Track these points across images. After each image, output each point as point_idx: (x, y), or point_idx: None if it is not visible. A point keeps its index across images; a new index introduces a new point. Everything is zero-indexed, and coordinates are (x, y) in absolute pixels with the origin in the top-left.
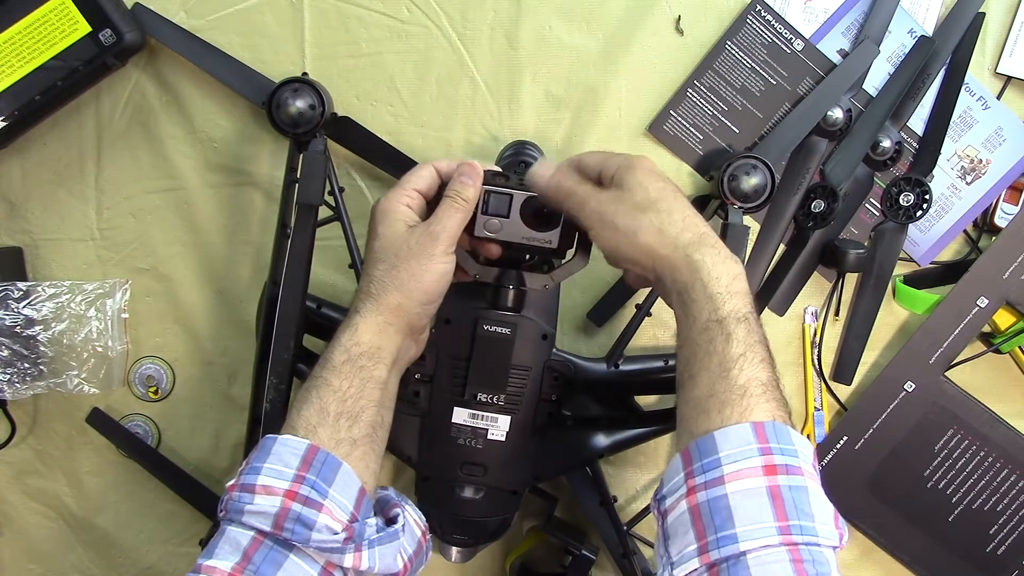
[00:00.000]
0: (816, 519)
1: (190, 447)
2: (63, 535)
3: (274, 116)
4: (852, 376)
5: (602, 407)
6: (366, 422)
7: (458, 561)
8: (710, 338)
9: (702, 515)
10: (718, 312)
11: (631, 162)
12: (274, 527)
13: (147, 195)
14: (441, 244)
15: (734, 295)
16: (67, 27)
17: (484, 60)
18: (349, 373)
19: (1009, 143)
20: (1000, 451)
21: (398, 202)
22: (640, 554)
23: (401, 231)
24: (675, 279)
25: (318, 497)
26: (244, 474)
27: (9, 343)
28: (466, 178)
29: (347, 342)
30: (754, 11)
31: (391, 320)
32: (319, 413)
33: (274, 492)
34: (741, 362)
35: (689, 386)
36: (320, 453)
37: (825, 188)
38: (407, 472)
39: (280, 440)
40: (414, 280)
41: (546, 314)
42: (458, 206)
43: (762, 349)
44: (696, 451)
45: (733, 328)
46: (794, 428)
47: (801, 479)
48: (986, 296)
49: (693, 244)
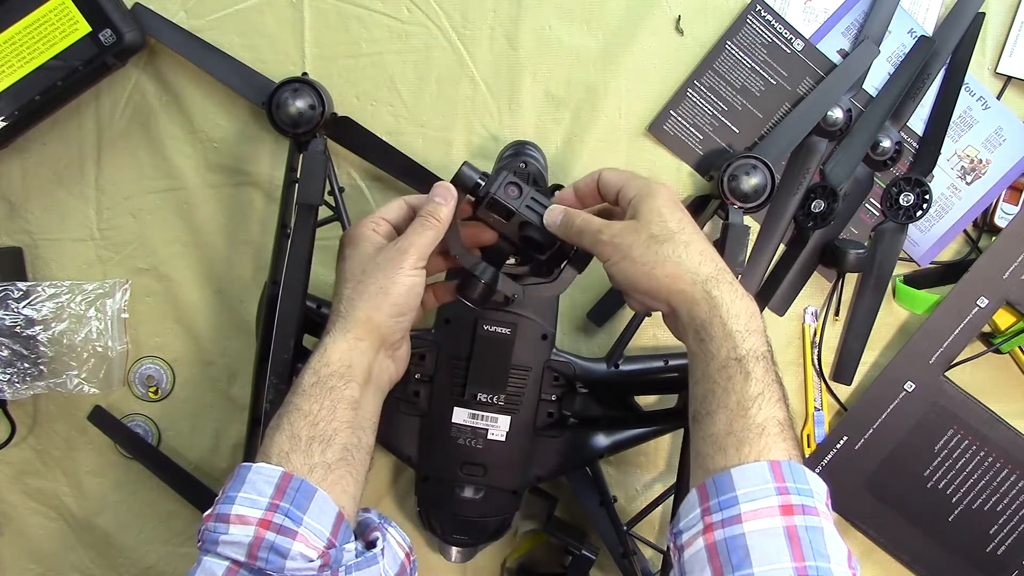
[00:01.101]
0: (832, 560)
1: (190, 447)
2: (63, 535)
3: (274, 116)
4: (852, 376)
5: (602, 407)
6: (340, 445)
7: (458, 561)
8: (729, 375)
9: (719, 553)
10: (737, 350)
11: (651, 190)
12: (248, 557)
13: (147, 195)
14: (409, 258)
15: (752, 333)
16: (67, 27)
17: (484, 60)
18: (319, 395)
19: (1009, 143)
20: (1000, 451)
21: (365, 227)
22: (640, 554)
23: (368, 251)
24: (692, 315)
25: (292, 524)
26: (219, 504)
27: (9, 343)
28: (440, 199)
29: (316, 364)
30: (754, 11)
31: (361, 336)
32: (291, 439)
33: (248, 521)
34: (760, 401)
35: (706, 422)
36: (294, 480)
37: (825, 188)
38: (407, 472)
39: (254, 468)
40: (382, 293)
41: (546, 314)
42: (429, 224)
43: (779, 388)
44: (713, 488)
45: (752, 367)
46: (809, 469)
47: (817, 519)
48: (986, 296)
49: (712, 280)
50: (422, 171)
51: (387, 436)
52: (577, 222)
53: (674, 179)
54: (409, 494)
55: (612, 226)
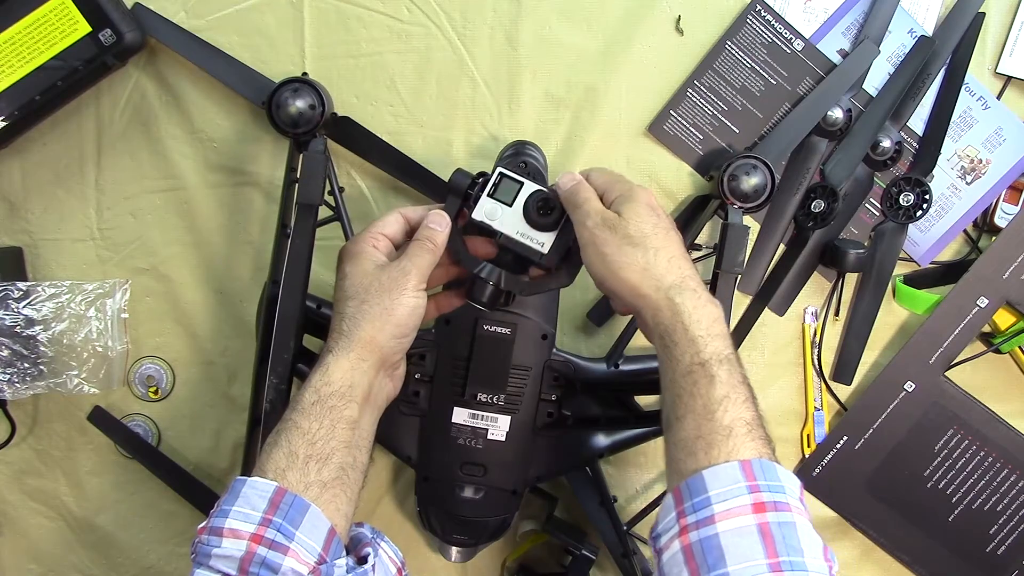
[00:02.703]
0: (805, 554)
1: (190, 447)
2: (63, 535)
3: (274, 116)
4: (852, 376)
5: (602, 407)
6: (336, 464)
7: (458, 561)
8: (694, 380)
9: (695, 555)
10: (700, 355)
11: (632, 193)
12: (239, 571)
13: (147, 195)
14: (412, 279)
15: (715, 337)
16: (67, 27)
17: (484, 60)
18: (319, 414)
19: (1009, 143)
20: (1000, 451)
21: (364, 243)
22: (640, 554)
23: (369, 269)
24: (656, 320)
25: (284, 540)
26: (214, 517)
27: (9, 343)
28: (435, 225)
29: (317, 382)
30: (754, 11)
31: (364, 355)
32: (288, 457)
33: (240, 536)
34: (725, 403)
35: (676, 428)
36: (288, 495)
37: (825, 188)
38: (407, 472)
39: (249, 483)
40: (386, 314)
41: (546, 314)
42: (428, 248)
43: (745, 389)
44: (687, 490)
45: (716, 370)
46: (780, 464)
47: (789, 515)
48: (986, 296)
49: (675, 287)
50: (422, 171)
51: (387, 436)
52: (580, 197)
53: (674, 179)
54: (409, 494)
55: (598, 216)
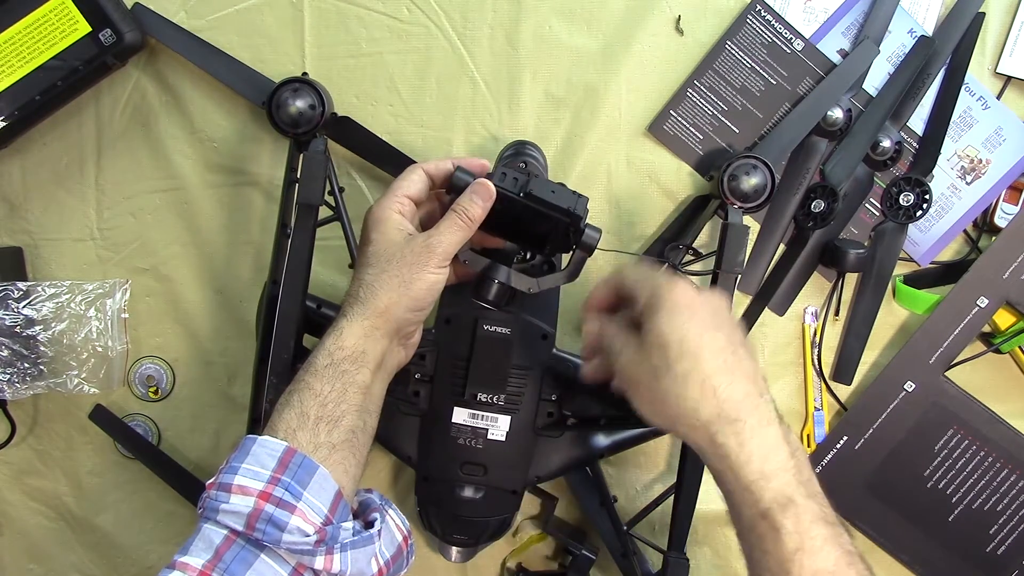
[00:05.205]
0: None
1: (190, 447)
2: (63, 535)
3: (274, 116)
4: (852, 376)
5: (602, 407)
6: (346, 427)
7: (458, 561)
8: (760, 535)
9: None
10: (759, 504)
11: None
12: (246, 527)
13: (147, 195)
14: (437, 257)
15: (774, 474)
16: (67, 27)
17: (484, 60)
18: (331, 377)
19: (1009, 143)
20: (1000, 451)
21: (391, 209)
22: (640, 554)
23: (395, 239)
24: (704, 458)
25: (291, 499)
26: (223, 473)
27: (9, 343)
28: (477, 197)
29: (331, 346)
30: (754, 11)
31: (378, 324)
32: (299, 417)
33: (249, 492)
34: (799, 557)
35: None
36: (297, 456)
37: (825, 188)
38: (407, 472)
39: (259, 441)
40: (404, 286)
41: (546, 314)
42: (462, 224)
43: (822, 527)
44: None
45: (781, 519)
46: None
47: None
48: (986, 296)
49: (713, 422)
50: None
51: (387, 436)
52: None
53: (674, 179)
54: (409, 494)
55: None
